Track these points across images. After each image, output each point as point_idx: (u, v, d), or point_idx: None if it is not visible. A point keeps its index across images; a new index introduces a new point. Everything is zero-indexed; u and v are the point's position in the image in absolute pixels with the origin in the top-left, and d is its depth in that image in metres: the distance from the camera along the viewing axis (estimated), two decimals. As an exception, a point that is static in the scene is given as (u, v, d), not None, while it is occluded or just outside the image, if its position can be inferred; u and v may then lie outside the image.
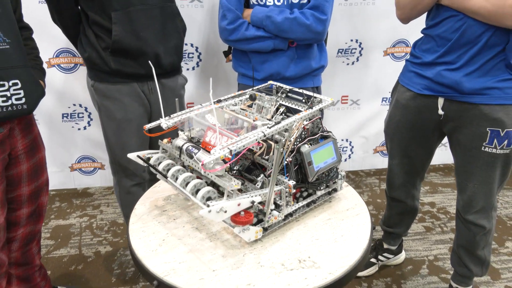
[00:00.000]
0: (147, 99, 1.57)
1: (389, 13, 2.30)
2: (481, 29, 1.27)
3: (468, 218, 1.52)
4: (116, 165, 1.67)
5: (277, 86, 1.20)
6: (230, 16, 1.57)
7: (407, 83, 1.51)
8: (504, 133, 1.34)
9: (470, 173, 1.45)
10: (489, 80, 1.31)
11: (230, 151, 0.86)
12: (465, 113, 1.38)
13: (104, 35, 1.44)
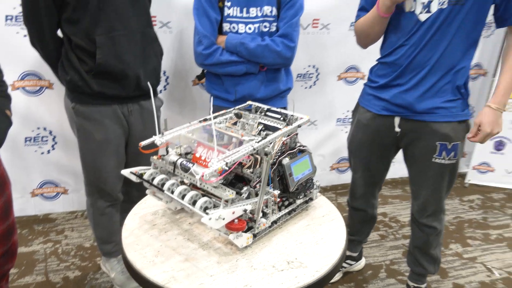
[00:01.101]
0: (126, 120, 1.60)
1: (342, 42, 2.51)
2: (428, 55, 1.44)
3: (423, 221, 1.68)
4: (92, 187, 1.66)
5: (255, 106, 1.29)
6: (205, 42, 1.67)
7: (366, 104, 1.65)
8: (451, 146, 1.51)
9: (423, 181, 1.61)
10: (438, 101, 1.48)
11: (226, 163, 0.94)
12: (418, 130, 1.54)
13: (87, 58, 1.46)
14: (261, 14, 1.69)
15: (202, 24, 1.68)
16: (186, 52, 2.26)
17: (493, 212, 2.72)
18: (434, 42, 1.42)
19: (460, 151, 1.54)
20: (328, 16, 2.41)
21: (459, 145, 1.52)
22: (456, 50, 1.42)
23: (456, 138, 1.50)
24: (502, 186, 3.00)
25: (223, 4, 1.68)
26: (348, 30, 2.51)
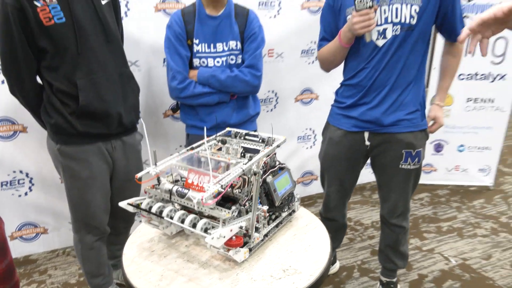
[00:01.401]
0: (110, 156, 1.59)
1: (295, 68, 2.62)
2: (387, 75, 1.54)
3: (393, 221, 1.76)
4: (79, 223, 1.62)
5: (234, 132, 1.34)
6: (179, 77, 1.70)
7: (337, 123, 1.70)
8: (415, 152, 1.61)
9: (392, 186, 1.70)
10: (401, 114, 1.57)
11: (221, 186, 0.97)
12: (386, 141, 1.62)
13: (69, 101, 1.45)
14: (227, 49, 1.76)
15: (175, 61, 1.71)
16: (155, 88, 2.27)
17: (441, 206, 2.90)
18: (392, 63, 1.52)
19: (422, 157, 1.65)
20: (281, 46, 2.53)
21: (421, 151, 1.63)
22: (411, 68, 1.54)
23: (418, 145, 1.61)
24: (445, 183, 3.22)
25: (192, 42, 1.73)
26: (299, 57, 2.63)
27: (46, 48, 1.39)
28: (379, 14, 1.49)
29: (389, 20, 1.48)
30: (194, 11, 1.74)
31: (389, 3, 1.47)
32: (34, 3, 1.34)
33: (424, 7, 1.45)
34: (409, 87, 1.56)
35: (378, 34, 1.51)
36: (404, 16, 1.46)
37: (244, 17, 1.78)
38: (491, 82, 2.89)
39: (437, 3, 1.46)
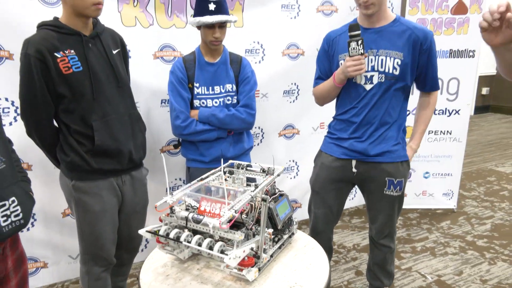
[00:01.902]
0: (120, 190, 1.61)
1: (278, 106, 2.75)
2: (373, 114, 1.67)
3: (381, 242, 1.83)
4: (88, 255, 1.60)
5: (237, 164, 1.41)
6: (182, 116, 1.77)
7: (329, 150, 1.80)
8: (396, 181, 1.72)
9: (379, 209, 1.78)
10: (385, 146, 1.69)
11: (235, 211, 1.03)
12: (371, 169, 1.72)
13: (85, 140, 1.48)
14: (224, 91, 1.86)
15: (178, 102, 1.79)
16: (153, 126, 2.32)
17: (413, 228, 3.01)
18: (378, 105, 1.66)
19: (404, 186, 1.75)
20: (266, 87, 2.65)
21: (403, 181, 1.73)
22: (394, 109, 1.67)
23: (400, 176, 1.72)
24: (415, 207, 3.35)
25: (193, 85, 1.83)
26: (282, 97, 2.76)
27: (64, 94, 1.44)
28: (367, 62, 1.64)
29: (375, 69, 1.63)
30: (194, 58, 1.85)
31: (375, 54, 1.62)
32: (55, 54, 1.40)
33: (405, 61, 1.61)
34: (393, 124, 1.69)
35: (366, 79, 1.65)
36: (388, 67, 1.61)
37: (238, 64, 1.91)
38: (448, 116, 3.12)
39: (416, 59, 1.62)
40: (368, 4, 1.55)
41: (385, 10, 1.62)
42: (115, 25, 2.05)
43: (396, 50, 1.60)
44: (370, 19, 1.63)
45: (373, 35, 1.63)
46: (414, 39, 1.60)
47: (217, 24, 1.75)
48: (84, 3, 1.39)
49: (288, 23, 2.63)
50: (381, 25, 1.64)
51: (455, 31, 2.95)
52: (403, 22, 1.64)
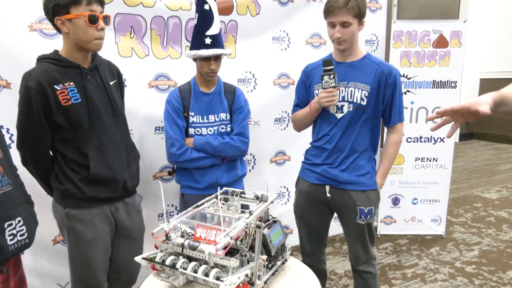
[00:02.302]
0: (113, 217, 1.62)
1: (269, 134, 2.81)
2: (344, 142, 1.78)
3: (360, 268, 1.88)
4: (79, 284, 1.59)
5: (231, 191, 1.44)
6: (177, 144, 1.82)
7: (305, 176, 1.91)
8: (367, 210, 1.80)
9: (353, 237, 1.86)
10: (355, 174, 1.79)
11: (230, 237, 1.06)
12: (342, 196, 1.81)
13: (80, 169, 1.51)
14: (218, 119, 1.93)
15: (173, 131, 1.84)
16: (146, 153, 2.35)
17: (403, 254, 3.03)
18: (348, 133, 1.78)
19: (374, 213, 1.83)
20: (257, 115, 2.72)
21: (372, 209, 1.81)
22: (364, 138, 1.79)
23: (370, 204, 1.80)
24: (404, 233, 3.39)
25: (188, 114, 1.89)
26: (273, 125, 2.83)
27: (62, 125, 1.47)
28: (339, 93, 1.76)
29: (345, 99, 1.76)
30: (189, 88, 1.92)
31: (346, 86, 1.76)
32: (55, 86, 1.44)
33: (371, 93, 1.75)
34: (363, 153, 1.80)
35: (337, 108, 1.78)
36: (356, 98, 1.75)
37: (232, 93, 1.99)
38: (433, 144, 3.22)
39: (381, 92, 1.75)
40: (340, 41, 1.71)
41: (356, 47, 1.78)
42: (112, 55, 2.12)
43: (363, 83, 1.75)
44: (342, 54, 1.79)
45: (345, 68, 1.79)
46: (380, 73, 1.74)
47: (212, 57, 1.83)
48: (87, 38, 1.45)
49: (278, 54, 2.74)
50: (352, 60, 1.79)
51: (437, 63, 3.11)
52: (372, 59, 1.80)
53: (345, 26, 1.67)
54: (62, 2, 1.40)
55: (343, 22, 1.66)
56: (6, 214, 1.13)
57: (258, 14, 2.58)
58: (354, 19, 1.66)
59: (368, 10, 3.07)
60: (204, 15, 1.83)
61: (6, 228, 1.11)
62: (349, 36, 1.69)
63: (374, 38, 3.15)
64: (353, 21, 1.66)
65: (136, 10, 2.18)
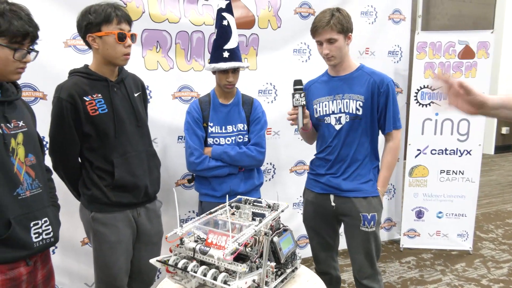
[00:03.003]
0: (135, 221, 1.71)
1: (290, 144, 2.85)
2: (345, 152, 1.83)
3: (363, 282, 1.87)
4: (102, 284, 1.69)
5: (245, 199, 1.50)
6: (196, 153, 1.90)
7: (310, 186, 1.97)
8: (370, 216, 1.81)
9: (356, 247, 1.86)
10: (357, 182, 1.83)
11: (238, 243, 1.11)
12: (347, 204, 1.84)
13: (105, 176, 1.62)
14: (236, 130, 2.00)
15: (193, 141, 1.93)
16: (168, 161, 2.45)
17: (427, 269, 2.96)
18: (348, 143, 1.83)
19: (377, 221, 1.84)
20: (277, 125, 2.77)
21: (375, 215, 1.83)
22: (364, 147, 1.84)
23: (372, 210, 1.82)
24: (428, 247, 3.30)
25: (207, 125, 1.97)
26: (293, 135, 2.87)
27: (89, 133, 1.59)
28: (336, 105, 1.83)
29: (342, 110, 1.82)
30: (209, 100, 2.01)
31: (341, 98, 1.82)
32: (84, 98, 1.57)
33: (366, 103, 1.80)
34: (364, 161, 1.84)
35: (336, 120, 1.84)
36: (352, 108, 1.80)
37: (250, 105, 2.06)
38: (459, 156, 3.14)
39: (375, 101, 1.80)
40: (329, 57, 1.79)
41: (347, 61, 1.85)
42: (139, 68, 2.26)
43: (357, 94, 1.80)
44: (335, 68, 1.86)
45: (339, 82, 1.85)
46: (372, 83, 1.80)
47: (230, 69, 1.91)
48: (116, 54, 1.57)
49: (299, 66, 2.79)
50: (346, 73, 1.85)
51: (463, 74, 3.05)
52: (365, 70, 1.85)
53: (331, 43, 1.74)
54: (94, 21, 1.53)
55: (328, 39, 1.74)
56: (33, 214, 1.23)
57: (279, 27, 2.65)
58: (339, 35, 1.73)
59: (391, 21, 3.07)
60: (222, 30, 1.93)
61: (31, 227, 1.21)
62: (336, 52, 1.76)
63: (398, 49, 3.14)
64: (337, 37, 1.73)
65: (162, 26, 2.31)
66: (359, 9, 2.91)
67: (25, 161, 1.24)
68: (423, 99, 3.10)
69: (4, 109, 1.21)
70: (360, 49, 2.95)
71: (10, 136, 1.20)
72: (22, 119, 1.27)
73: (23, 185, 1.21)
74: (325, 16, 1.74)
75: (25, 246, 1.20)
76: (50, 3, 2.02)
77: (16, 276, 1.19)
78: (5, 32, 1.12)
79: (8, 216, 1.16)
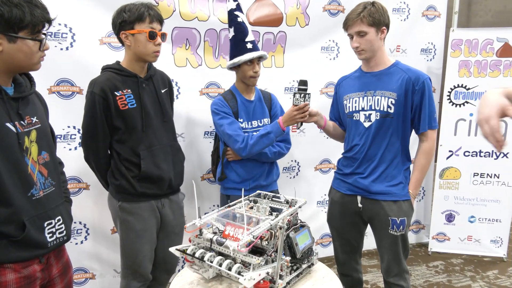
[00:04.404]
0: (159, 212, 1.78)
1: (315, 141, 2.84)
2: (374, 151, 1.78)
3: (390, 280, 1.84)
4: (128, 269, 1.77)
5: (263, 194, 1.52)
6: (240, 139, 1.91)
7: (337, 186, 1.93)
8: (399, 220, 1.75)
9: (385, 247, 1.82)
10: (386, 184, 1.77)
11: (253, 236, 1.14)
12: (374, 207, 1.79)
13: (132, 167, 1.69)
14: (262, 124, 2.07)
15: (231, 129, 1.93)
16: (196, 156, 2.52)
17: (455, 275, 2.85)
18: (377, 141, 1.77)
19: (407, 224, 1.77)
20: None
21: (405, 220, 1.76)
22: (394, 147, 1.77)
23: (402, 214, 1.76)
24: (459, 252, 3.17)
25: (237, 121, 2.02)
26: (318, 133, 2.84)
27: (119, 126, 1.67)
28: (366, 101, 1.77)
29: (373, 108, 1.76)
30: (233, 97, 2.05)
31: (373, 95, 1.77)
32: (115, 93, 1.65)
33: (398, 101, 1.72)
34: (394, 162, 1.77)
35: (365, 117, 1.78)
36: (383, 106, 1.74)
37: (269, 100, 2.13)
38: (494, 159, 2.99)
39: (409, 99, 1.72)
40: (359, 50, 1.74)
41: (381, 56, 1.78)
42: (169, 65, 2.33)
43: (389, 91, 1.73)
44: (369, 64, 1.81)
45: (372, 78, 1.80)
46: (407, 80, 1.72)
47: (255, 59, 1.96)
48: (146, 51, 1.64)
49: (327, 64, 2.77)
50: (379, 70, 1.79)
51: (502, 73, 2.90)
52: (400, 67, 1.78)
53: (361, 36, 1.70)
54: (128, 19, 1.61)
55: (358, 32, 1.70)
56: (46, 214, 1.22)
57: (307, 25, 2.64)
58: (370, 28, 1.68)
59: (425, 18, 2.97)
60: (239, 26, 1.98)
61: (45, 227, 1.21)
62: (366, 45, 1.71)
63: (431, 47, 3.04)
64: (368, 30, 1.68)
65: (192, 24, 2.37)
66: (391, 5, 2.83)
67: (38, 159, 1.23)
68: (457, 99, 2.98)
69: (18, 105, 1.18)
70: (390, 46, 2.88)
71: (24, 134, 1.17)
72: (36, 115, 1.24)
73: (36, 185, 1.19)
74: (357, 9, 1.71)
75: (39, 246, 1.20)
76: (87, 2, 2.13)
77: (30, 274, 1.19)
78: (29, 24, 1.08)
79: (22, 218, 1.15)
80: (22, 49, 1.12)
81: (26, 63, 1.15)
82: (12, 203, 1.13)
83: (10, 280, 1.15)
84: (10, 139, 1.13)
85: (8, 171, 1.12)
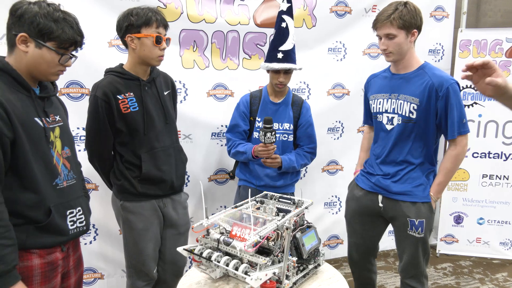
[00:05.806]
0: (161, 211, 1.80)
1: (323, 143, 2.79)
2: (396, 154, 1.77)
3: (406, 281, 1.82)
4: (132, 269, 1.79)
5: (270, 195, 1.53)
6: (229, 143, 2.06)
7: (360, 183, 1.92)
8: (417, 222, 1.73)
9: (403, 248, 1.80)
10: (407, 186, 1.75)
11: (259, 236, 1.14)
12: (394, 207, 1.78)
13: (134, 168, 1.72)
14: (282, 128, 2.10)
15: (231, 133, 2.08)
16: (203, 157, 2.53)
17: (464, 277, 2.83)
18: (400, 144, 1.76)
19: (426, 227, 1.74)
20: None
21: (424, 221, 1.74)
22: (418, 151, 1.74)
23: (421, 216, 1.73)
24: (467, 255, 3.14)
25: (254, 119, 2.06)
26: (326, 134, 2.84)
27: (121, 129, 1.69)
28: (390, 104, 1.74)
29: (396, 111, 1.75)
30: (260, 96, 2.11)
31: (396, 98, 1.74)
32: (117, 96, 1.67)
33: (420, 106, 1.68)
34: (419, 166, 1.75)
35: (388, 120, 1.77)
36: (405, 110, 1.72)
37: (299, 106, 2.14)
38: (504, 160, 2.96)
39: (432, 105, 1.68)
40: (387, 53, 1.71)
41: (409, 59, 1.73)
42: (176, 67, 2.35)
43: (413, 96, 1.70)
44: (396, 66, 1.78)
45: (397, 80, 1.77)
46: (430, 86, 1.67)
47: (282, 70, 1.98)
48: (152, 55, 1.66)
49: (334, 65, 2.77)
50: (406, 72, 1.76)
51: (511, 74, 2.87)
52: (426, 70, 1.72)
53: (390, 38, 1.66)
54: (136, 23, 1.63)
55: (387, 34, 1.66)
56: (69, 203, 1.31)
57: (314, 26, 2.65)
58: (399, 31, 1.64)
59: (433, 18, 2.96)
60: (280, 32, 2.01)
61: (67, 215, 1.30)
62: (395, 48, 1.67)
63: (439, 48, 3.02)
64: (397, 32, 1.64)
65: (199, 26, 2.38)
66: (398, 6, 2.83)
67: (62, 153, 1.33)
68: (465, 100, 2.95)
69: (44, 104, 1.30)
70: (398, 47, 2.87)
71: (49, 129, 1.28)
72: (58, 114, 1.36)
73: (60, 176, 1.30)
74: (389, 9, 1.65)
75: (62, 233, 1.28)
76: (96, 5, 2.16)
77: (53, 260, 1.27)
78: (57, 38, 1.22)
79: (48, 204, 1.24)
80: (44, 56, 1.23)
81: (44, 70, 1.26)
82: (40, 191, 1.23)
83: (35, 264, 1.23)
84: (38, 132, 1.24)
85: (36, 160, 1.23)
